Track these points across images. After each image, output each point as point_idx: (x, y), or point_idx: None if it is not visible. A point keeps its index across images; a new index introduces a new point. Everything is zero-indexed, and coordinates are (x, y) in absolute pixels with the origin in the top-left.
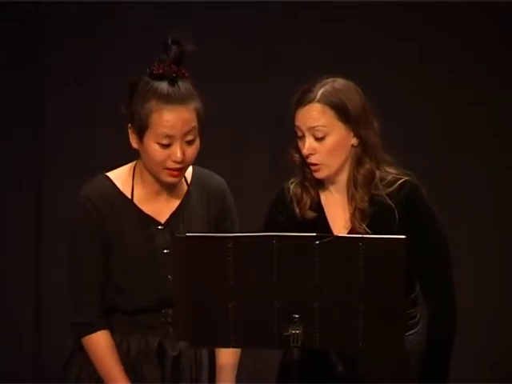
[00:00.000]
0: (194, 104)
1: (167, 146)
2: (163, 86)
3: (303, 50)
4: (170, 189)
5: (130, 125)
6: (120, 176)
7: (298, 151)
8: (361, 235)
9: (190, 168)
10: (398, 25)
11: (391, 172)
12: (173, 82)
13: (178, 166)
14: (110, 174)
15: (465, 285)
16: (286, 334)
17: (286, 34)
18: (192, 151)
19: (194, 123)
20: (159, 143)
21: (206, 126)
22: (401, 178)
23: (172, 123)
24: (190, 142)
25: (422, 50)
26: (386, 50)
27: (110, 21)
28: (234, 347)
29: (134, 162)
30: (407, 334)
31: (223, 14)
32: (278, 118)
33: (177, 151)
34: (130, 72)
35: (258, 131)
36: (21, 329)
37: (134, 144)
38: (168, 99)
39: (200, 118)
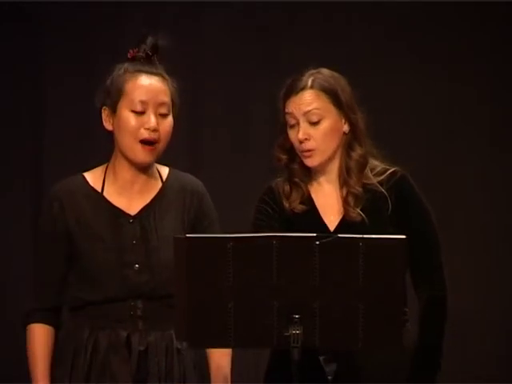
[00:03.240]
0: (168, 82)
1: (141, 114)
2: (137, 63)
3: (303, 50)
4: (143, 184)
5: (104, 107)
6: (93, 173)
7: (284, 148)
8: (361, 235)
9: (167, 169)
10: (398, 25)
11: (379, 165)
12: (147, 61)
13: (152, 135)
14: (84, 173)
15: (465, 285)
16: (285, 334)
17: (286, 33)
18: (165, 126)
19: (168, 98)
20: (133, 110)
21: (206, 126)
22: (390, 168)
23: (146, 89)
24: (163, 116)
25: (421, 50)
26: (386, 50)
27: (110, 21)
28: (233, 347)
29: (108, 162)
30: None
31: (223, 14)
32: (279, 121)
33: (150, 118)
34: None
35: (258, 131)
36: (21, 329)
37: (108, 125)
38: (142, 69)
39: (173, 98)
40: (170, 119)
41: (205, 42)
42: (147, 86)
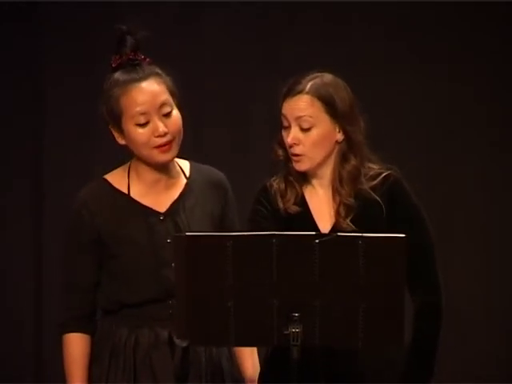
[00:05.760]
0: (160, 78)
1: (146, 125)
2: (123, 72)
3: (303, 50)
4: (167, 180)
5: (110, 125)
6: (116, 175)
7: (282, 146)
8: (361, 233)
9: (187, 163)
10: (398, 25)
11: (373, 167)
12: (132, 66)
13: (165, 139)
14: (106, 176)
15: (465, 285)
16: (285, 332)
17: (286, 33)
18: (173, 122)
19: (166, 95)
20: (137, 124)
21: (206, 126)
22: (383, 172)
23: (142, 100)
24: (167, 115)
25: (421, 50)
26: (386, 50)
27: (110, 21)
28: (233, 346)
29: (129, 162)
30: None
31: (223, 14)
32: (278, 118)
33: (157, 126)
34: None
35: (258, 131)
36: (21, 329)
37: (120, 140)
38: (131, 80)
39: (171, 90)
40: (175, 114)
41: (205, 42)
42: (142, 96)
